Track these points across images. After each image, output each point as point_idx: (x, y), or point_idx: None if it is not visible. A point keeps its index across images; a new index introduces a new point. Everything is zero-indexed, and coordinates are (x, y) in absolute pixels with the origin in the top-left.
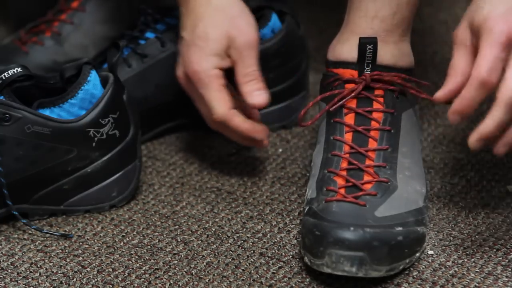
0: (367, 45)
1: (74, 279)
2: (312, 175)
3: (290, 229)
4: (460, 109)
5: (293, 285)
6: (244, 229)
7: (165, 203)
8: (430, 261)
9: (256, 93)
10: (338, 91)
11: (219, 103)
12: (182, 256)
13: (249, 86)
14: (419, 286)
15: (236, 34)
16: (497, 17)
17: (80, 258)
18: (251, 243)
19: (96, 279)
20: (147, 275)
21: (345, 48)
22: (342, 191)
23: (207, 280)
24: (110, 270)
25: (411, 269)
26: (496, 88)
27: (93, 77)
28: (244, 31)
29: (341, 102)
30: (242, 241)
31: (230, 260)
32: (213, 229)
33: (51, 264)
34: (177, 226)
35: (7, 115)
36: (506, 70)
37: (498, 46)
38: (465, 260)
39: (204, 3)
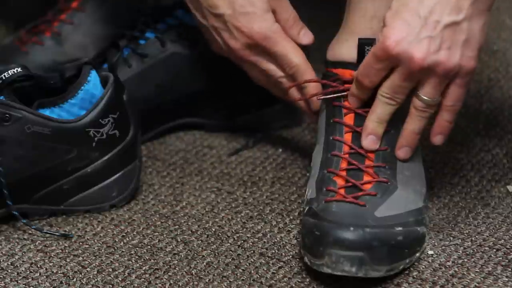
0: (366, 46)
1: (74, 279)
2: (312, 175)
3: (290, 229)
4: (350, 92)
5: (293, 285)
6: (244, 229)
7: (165, 203)
8: (430, 261)
9: (302, 33)
10: (335, 84)
11: (294, 52)
12: (182, 256)
13: (294, 29)
14: (419, 286)
15: None
16: (393, 30)
17: (80, 258)
18: (251, 243)
19: (96, 279)
20: (147, 275)
21: (344, 48)
22: (342, 191)
23: (207, 280)
24: (110, 270)
25: (411, 269)
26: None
27: (93, 77)
28: None
29: (332, 96)
30: (242, 241)
31: (230, 260)
32: (213, 229)
33: (51, 264)
34: (177, 226)
35: (7, 115)
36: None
37: (375, 59)
38: (465, 260)
39: None
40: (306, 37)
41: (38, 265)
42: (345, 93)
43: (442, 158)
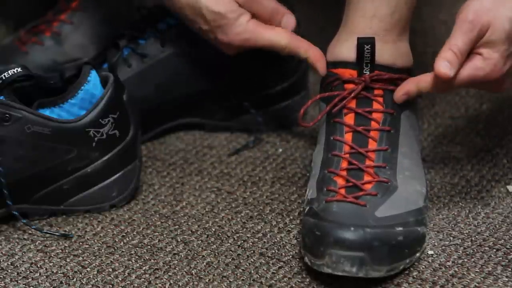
0: (365, 46)
1: (74, 279)
2: (312, 175)
3: (290, 229)
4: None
5: (293, 285)
6: (244, 229)
7: (165, 203)
8: (430, 261)
9: (284, 22)
10: (338, 92)
11: (279, 37)
12: (182, 256)
13: (275, 21)
14: (419, 286)
15: None
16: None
17: (80, 258)
18: (251, 243)
19: (96, 279)
20: (147, 275)
21: (344, 48)
22: (343, 191)
23: (207, 280)
24: (110, 270)
25: (411, 269)
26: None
27: (93, 77)
28: None
29: (342, 103)
30: (242, 241)
31: (230, 260)
32: (213, 229)
33: (51, 264)
34: (177, 226)
35: (7, 115)
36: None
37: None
38: (465, 260)
39: None
40: (288, 24)
41: (38, 265)
42: (352, 95)
43: (442, 158)
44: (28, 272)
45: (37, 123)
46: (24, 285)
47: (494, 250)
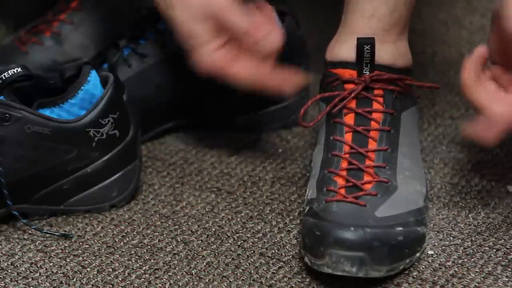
0: (365, 46)
1: (74, 279)
2: (312, 175)
3: (290, 229)
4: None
5: (293, 285)
6: (244, 229)
7: (165, 203)
8: (430, 261)
9: (267, 39)
10: (338, 92)
11: (241, 74)
12: (182, 256)
13: (254, 38)
14: (419, 286)
15: None
16: None
17: (80, 258)
18: (251, 243)
19: (96, 279)
20: (147, 275)
21: (343, 48)
22: (342, 191)
23: (207, 280)
24: (110, 270)
25: (411, 269)
26: None
27: (93, 77)
28: None
29: (342, 103)
30: (242, 241)
31: (230, 260)
32: (213, 229)
33: (51, 264)
34: (177, 226)
35: (7, 115)
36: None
37: None
38: (465, 260)
39: None
40: (272, 43)
41: (38, 265)
42: (352, 95)
43: (442, 158)
44: (28, 272)
45: (37, 123)
46: (24, 285)
47: (494, 250)
